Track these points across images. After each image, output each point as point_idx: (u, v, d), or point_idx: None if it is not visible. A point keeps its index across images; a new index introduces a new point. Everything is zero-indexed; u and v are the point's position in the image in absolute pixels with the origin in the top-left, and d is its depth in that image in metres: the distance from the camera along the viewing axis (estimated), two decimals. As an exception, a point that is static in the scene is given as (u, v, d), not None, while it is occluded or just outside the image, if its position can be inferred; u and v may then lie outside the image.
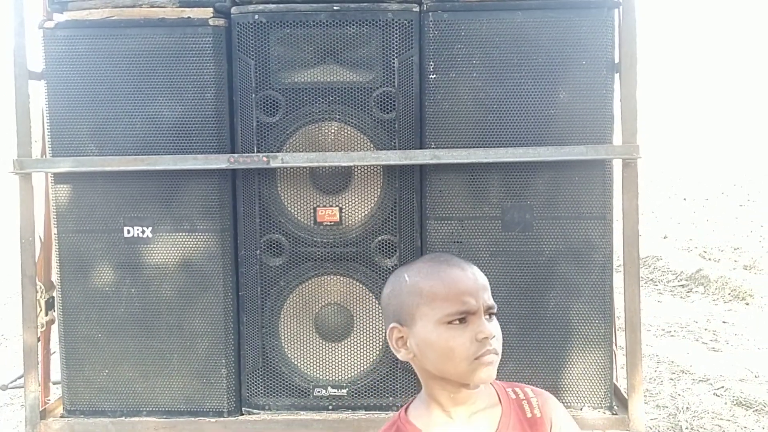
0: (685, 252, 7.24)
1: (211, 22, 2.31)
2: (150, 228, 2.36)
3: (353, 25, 2.31)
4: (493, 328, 1.30)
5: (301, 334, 2.44)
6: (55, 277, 2.44)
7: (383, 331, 2.40)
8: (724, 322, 5.26)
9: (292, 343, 2.44)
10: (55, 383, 2.65)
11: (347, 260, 2.40)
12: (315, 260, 2.40)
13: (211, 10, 2.33)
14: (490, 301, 1.32)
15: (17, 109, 2.33)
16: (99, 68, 2.33)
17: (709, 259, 6.93)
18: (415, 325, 1.32)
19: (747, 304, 5.66)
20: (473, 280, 1.32)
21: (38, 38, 2.33)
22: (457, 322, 1.29)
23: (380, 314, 2.40)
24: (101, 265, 2.38)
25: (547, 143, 2.28)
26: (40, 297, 2.45)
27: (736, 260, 6.85)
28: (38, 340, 2.44)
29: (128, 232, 2.36)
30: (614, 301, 2.43)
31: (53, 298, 2.47)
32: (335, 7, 2.31)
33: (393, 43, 2.32)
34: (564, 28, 2.28)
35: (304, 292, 2.42)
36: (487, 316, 1.31)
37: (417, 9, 2.31)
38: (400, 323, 1.35)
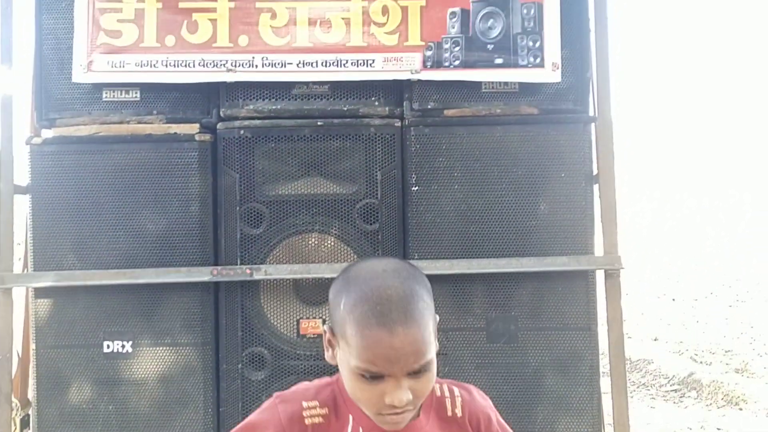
0: (677, 355, 7.15)
1: (197, 138, 2.35)
2: (130, 342, 2.32)
3: (337, 139, 2.36)
4: (408, 391, 1.15)
5: (284, 451, 2.36)
6: (31, 394, 2.38)
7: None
8: (718, 429, 5.15)
9: (274, 460, 2.36)
10: (27, 505, 2.54)
11: (331, 373, 2.35)
12: (298, 373, 2.35)
13: (197, 125, 2.37)
14: (417, 365, 1.15)
15: (1, 225, 2.33)
16: (84, 182, 2.34)
17: (701, 362, 6.84)
18: (339, 346, 1.22)
19: (740, 408, 5.55)
20: (397, 349, 1.13)
21: (25, 153, 2.36)
22: (368, 376, 1.17)
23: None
24: (79, 382, 2.33)
25: (530, 254, 2.30)
26: (15, 415, 2.38)
27: (727, 363, 6.77)
28: (11, 459, 2.36)
29: (108, 346, 2.32)
30: (603, 409, 2.38)
31: (29, 415, 2.41)
32: (319, 123, 2.36)
33: (376, 157, 2.36)
34: (543, 142, 2.34)
35: (286, 407, 2.36)
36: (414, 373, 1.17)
37: (399, 124, 2.37)
38: (333, 331, 1.24)
